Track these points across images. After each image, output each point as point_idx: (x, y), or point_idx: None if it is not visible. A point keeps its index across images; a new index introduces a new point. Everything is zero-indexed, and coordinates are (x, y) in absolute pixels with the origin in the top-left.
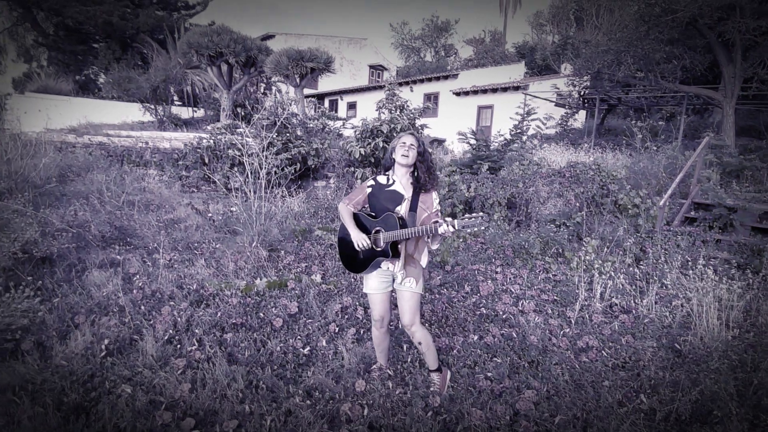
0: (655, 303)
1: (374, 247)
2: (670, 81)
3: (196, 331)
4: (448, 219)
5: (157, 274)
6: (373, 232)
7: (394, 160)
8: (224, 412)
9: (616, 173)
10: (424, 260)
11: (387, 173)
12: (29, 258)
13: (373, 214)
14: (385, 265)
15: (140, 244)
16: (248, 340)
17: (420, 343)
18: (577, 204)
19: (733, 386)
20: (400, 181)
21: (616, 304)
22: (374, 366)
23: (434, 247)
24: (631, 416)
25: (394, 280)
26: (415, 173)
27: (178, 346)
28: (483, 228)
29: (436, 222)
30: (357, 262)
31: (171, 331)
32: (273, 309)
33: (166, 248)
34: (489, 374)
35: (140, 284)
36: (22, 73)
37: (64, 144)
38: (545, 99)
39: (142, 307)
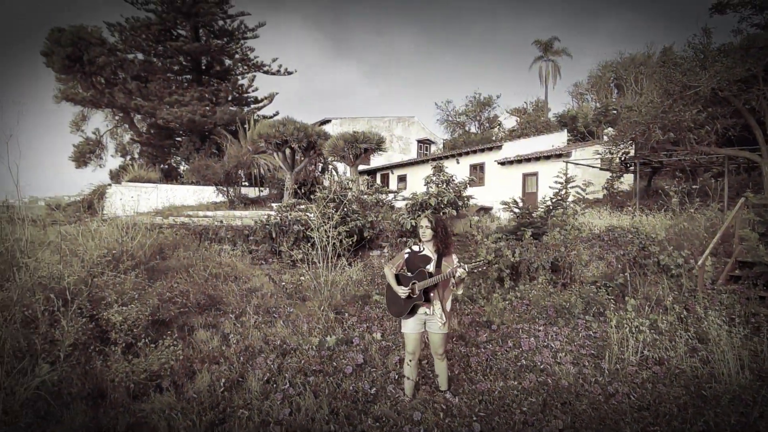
0: (690, 356)
1: (411, 295)
2: (705, 144)
3: (286, 375)
4: (462, 264)
5: (247, 333)
6: (411, 284)
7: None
8: (315, 430)
9: (655, 235)
10: (448, 305)
11: (419, 243)
12: (153, 321)
13: (410, 274)
14: (422, 309)
15: (228, 309)
16: (326, 382)
17: (437, 375)
18: (619, 266)
19: (735, 418)
20: (428, 248)
21: (650, 357)
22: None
23: (459, 292)
24: None
25: (425, 323)
26: (435, 243)
27: (275, 384)
28: (484, 268)
29: (455, 268)
30: (402, 308)
31: (268, 374)
32: (343, 360)
33: (249, 313)
34: (524, 409)
35: (235, 341)
36: (118, 165)
37: (153, 225)
38: (588, 165)
39: (241, 358)
